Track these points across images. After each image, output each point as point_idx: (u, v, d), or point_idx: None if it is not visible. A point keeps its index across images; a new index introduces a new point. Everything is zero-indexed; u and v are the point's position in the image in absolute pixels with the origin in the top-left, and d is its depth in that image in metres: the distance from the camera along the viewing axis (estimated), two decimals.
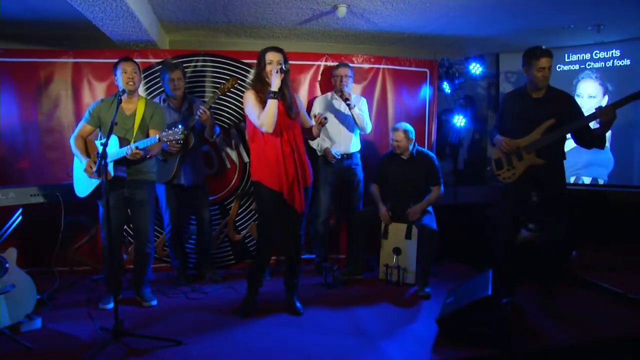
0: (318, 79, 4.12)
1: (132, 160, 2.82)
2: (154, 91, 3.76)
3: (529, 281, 3.15)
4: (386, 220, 3.64)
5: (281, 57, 2.81)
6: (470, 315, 2.52)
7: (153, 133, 2.97)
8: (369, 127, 3.75)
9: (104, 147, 2.52)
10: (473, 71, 4.60)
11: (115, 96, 2.70)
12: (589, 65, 4.61)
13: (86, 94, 3.74)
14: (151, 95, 3.71)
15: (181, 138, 2.71)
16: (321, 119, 2.84)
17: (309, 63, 4.09)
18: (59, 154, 3.69)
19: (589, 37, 4.54)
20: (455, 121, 4.84)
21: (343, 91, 3.59)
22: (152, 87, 3.77)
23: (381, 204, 3.67)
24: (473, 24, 4.29)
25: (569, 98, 2.97)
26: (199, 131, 3.48)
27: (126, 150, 2.74)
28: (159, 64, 3.73)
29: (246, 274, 3.82)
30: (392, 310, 3.08)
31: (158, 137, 2.76)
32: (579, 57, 4.66)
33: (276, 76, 2.72)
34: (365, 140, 4.05)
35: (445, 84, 4.68)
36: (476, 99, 5.35)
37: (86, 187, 2.96)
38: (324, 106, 3.80)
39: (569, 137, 3.00)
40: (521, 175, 2.97)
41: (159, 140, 2.76)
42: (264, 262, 3.10)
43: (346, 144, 3.75)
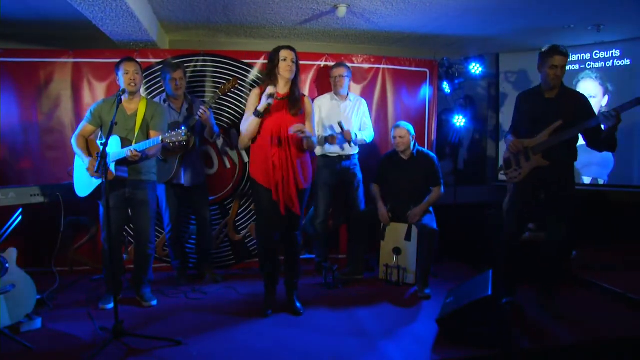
0: (319, 79, 4.10)
1: (133, 161, 2.82)
2: (154, 91, 3.76)
3: (529, 281, 3.15)
4: (385, 220, 3.64)
5: (294, 56, 2.83)
6: (470, 315, 2.52)
7: (153, 134, 2.96)
8: (371, 137, 3.84)
9: (103, 147, 2.52)
10: (473, 71, 4.59)
11: (116, 96, 2.70)
12: (589, 65, 4.60)
13: (86, 94, 3.74)
14: (151, 95, 3.71)
15: (184, 140, 2.71)
16: (300, 130, 2.75)
17: (309, 63, 4.08)
18: (59, 154, 3.70)
19: (589, 37, 4.54)
20: (455, 121, 4.84)
21: (346, 132, 3.57)
22: (152, 87, 3.77)
23: (381, 204, 3.67)
24: (473, 24, 4.29)
25: (581, 100, 2.88)
26: (199, 131, 3.49)
27: (126, 151, 2.75)
28: (159, 64, 3.73)
29: (246, 274, 3.85)
30: (392, 311, 3.08)
31: (161, 138, 2.76)
32: (579, 57, 4.66)
33: (265, 100, 2.75)
34: None
35: (445, 84, 4.68)
36: (476, 99, 5.36)
37: (87, 187, 2.96)
38: (328, 108, 3.76)
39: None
40: (527, 175, 2.95)
41: (162, 141, 2.76)
42: (268, 263, 2.99)
43: (346, 145, 3.75)
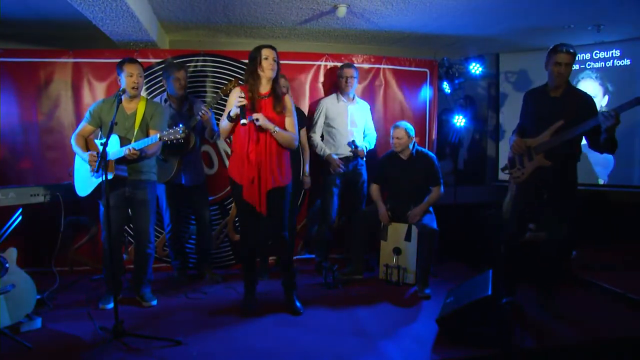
0: (319, 79, 4.12)
1: (132, 160, 2.82)
2: (154, 91, 3.76)
3: (529, 281, 3.15)
4: (385, 220, 3.64)
5: (275, 55, 2.84)
6: (470, 315, 2.52)
7: (152, 133, 2.96)
8: (374, 142, 3.91)
9: (104, 147, 2.52)
10: (473, 71, 4.59)
11: (115, 96, 2.70)
12: (589, 65, 4.60)
13: (86, 94, 3.74)
14: (151, 95, 3.71)
15: (182, 137, 2.71)
16: (256, 118, 2.74)
17: (309, 63, 4.09)
18: (59, 154, 3.70)
19: (589, 37, 4.54)
20: (455, 121, 4.84)
21: (358, 151, 3.69)
22: (152, 87, 3.77)
23: (381, 204, 3.67)
24: (473, 24, 4.29)
25: (585, 100, 2.84)
26: (200, 131, 3.49)
27: (124, 150, 2.75)
28: (159, 64, 3.74)
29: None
30: (392, 310, 3.08)
31: (159, 136, 2.77)
32: (579, 57, 4.62)
33: (236, 107, 2.73)
34: None
35: (445, 84, 4.68)
36: (476, 99, 5.36)
37: (87, 187, 2.97)
38: (335, 110, 3.75)
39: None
40: (529, 175, 2.94)
41: (160, 139, 2.76)
42: (247, 258, 3.02)
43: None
